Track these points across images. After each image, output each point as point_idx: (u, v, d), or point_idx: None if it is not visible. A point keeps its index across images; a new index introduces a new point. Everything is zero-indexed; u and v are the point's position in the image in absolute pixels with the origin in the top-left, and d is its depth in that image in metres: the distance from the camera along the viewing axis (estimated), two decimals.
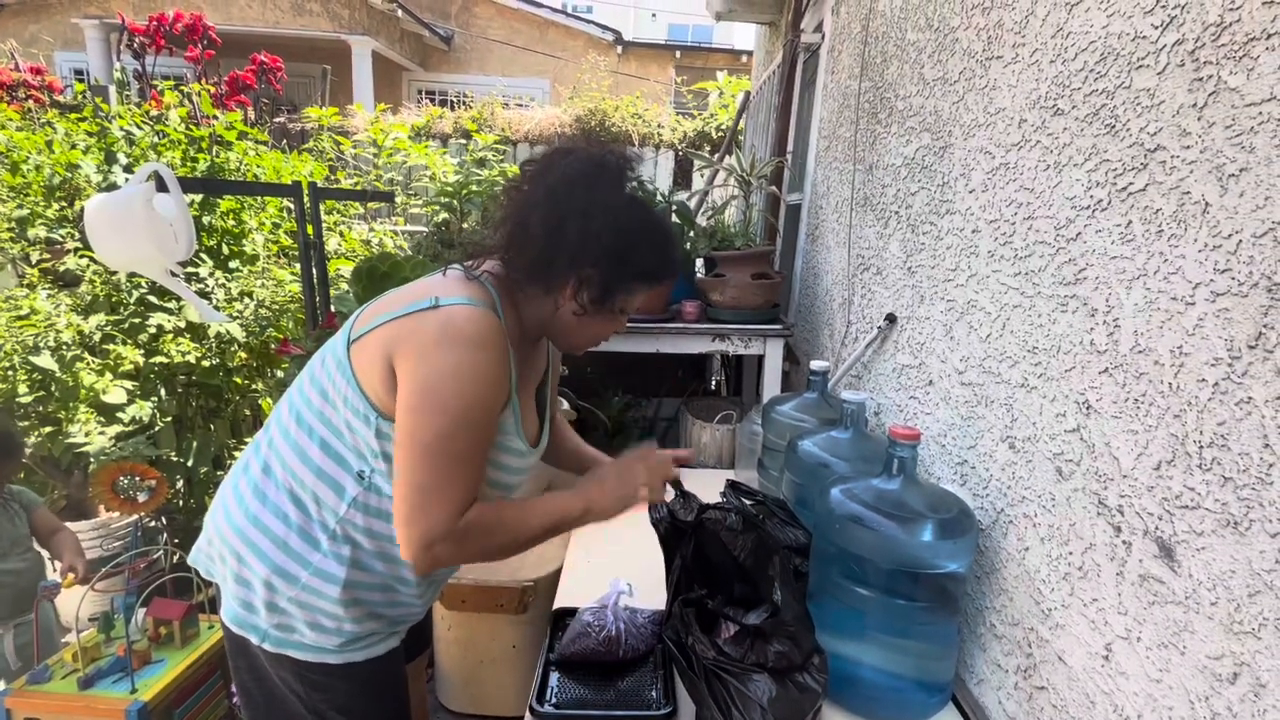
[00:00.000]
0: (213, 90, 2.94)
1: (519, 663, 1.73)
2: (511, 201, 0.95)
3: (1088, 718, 0.82)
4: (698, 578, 1.18)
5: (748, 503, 1.30)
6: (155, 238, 1.52)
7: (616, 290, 0.94)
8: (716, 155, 4.68)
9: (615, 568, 1.45)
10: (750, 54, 6.31)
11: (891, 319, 1.55)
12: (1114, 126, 0.82)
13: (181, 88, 2.82)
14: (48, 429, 1.93)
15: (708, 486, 1.47)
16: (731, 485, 1.38)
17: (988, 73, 1.14)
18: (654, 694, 1.12)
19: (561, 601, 1.36)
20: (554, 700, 1.10)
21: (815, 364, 1.57)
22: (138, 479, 1.68)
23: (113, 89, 3.08)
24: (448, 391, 0.84)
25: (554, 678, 1.16)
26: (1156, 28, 0.75)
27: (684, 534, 1.20)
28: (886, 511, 1.02)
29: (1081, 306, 0.87)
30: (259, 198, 2.68)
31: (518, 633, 1.71)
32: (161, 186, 1.56)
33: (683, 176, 6.13)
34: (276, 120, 5.87)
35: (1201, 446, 0.67)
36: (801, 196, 2.64)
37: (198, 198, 2.38)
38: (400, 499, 0.86)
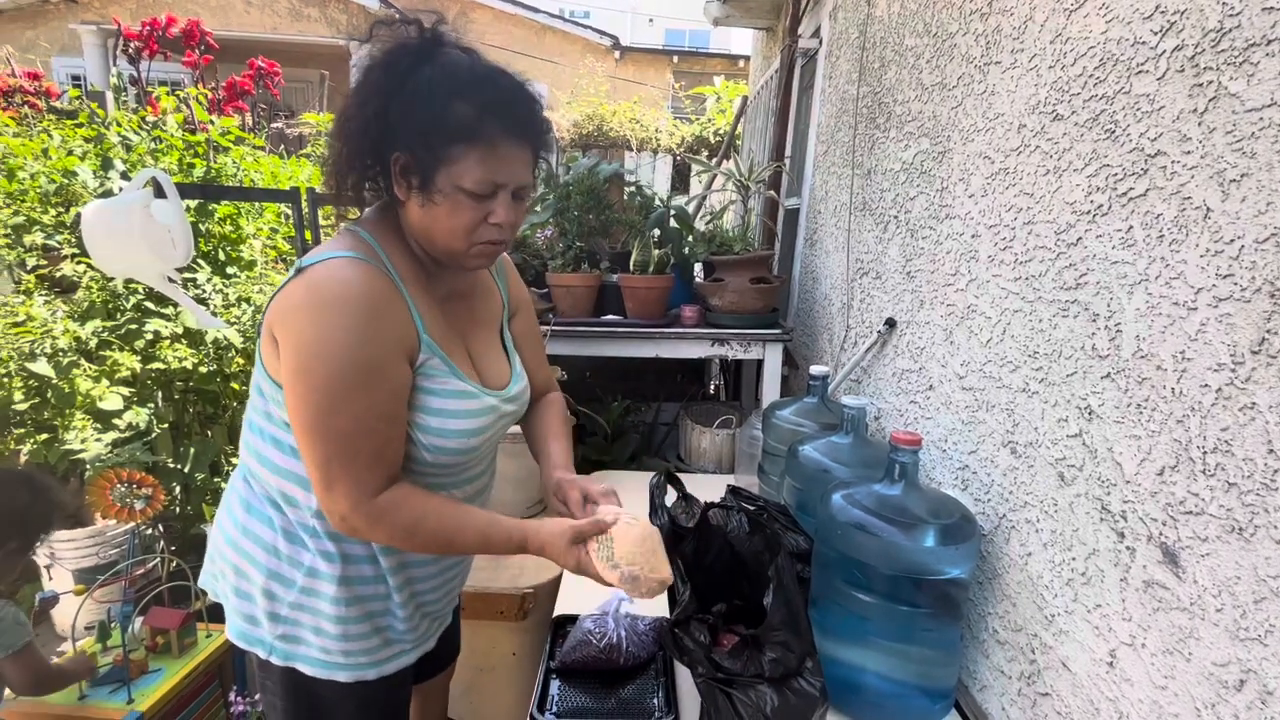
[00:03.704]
0: (210, 95, 2.94)
1: (519, 671, 1.71)
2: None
3: None
4: (698, 579, 1.17)
5: (750, 508, 1.30)
6: (153, 244, 1.51)
7: (436, 164, 0.81)
8: (714, 160, 4.69)
9: None
10: (747, 59, 6.33)
11: (891, 323, 1.55)
12: (1114, 132, 0.82)
13: (178, 92, 2.81)
14: (44, 436, 1.92)
15: (707, 492, 1.46)
16: (732, 490, 1.38)
17: (986, 78, 1.15)
18: (656, 701, 1.12)
19: (562, 609, 1.35)
20: (555, 709, 1.09)
21: (815, 369, 1.56)
22: (134, 486, 1.66)
23: (109, 94, 3.07)
24: (315, 365, 0.78)
25: (555, 686, 1.15)
26: (1156, 33, 0.75)
27: (684, 538, 1.19)
28: (888, 517, 1.02)
29: (1083, 311, 0.87)
30: (256, 203, 2.67)
31: (517, 640, 1.70)
32: (159, 192, 1.56)
33: (681, 181, 6.15)
34: (274, 125, 5.86)
35: (1205, 452, 0.67)
36: (800, 201, 2.64)
37: (194, 203, 2.37)
38: (310, 475, 0.83)
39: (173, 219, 1.54)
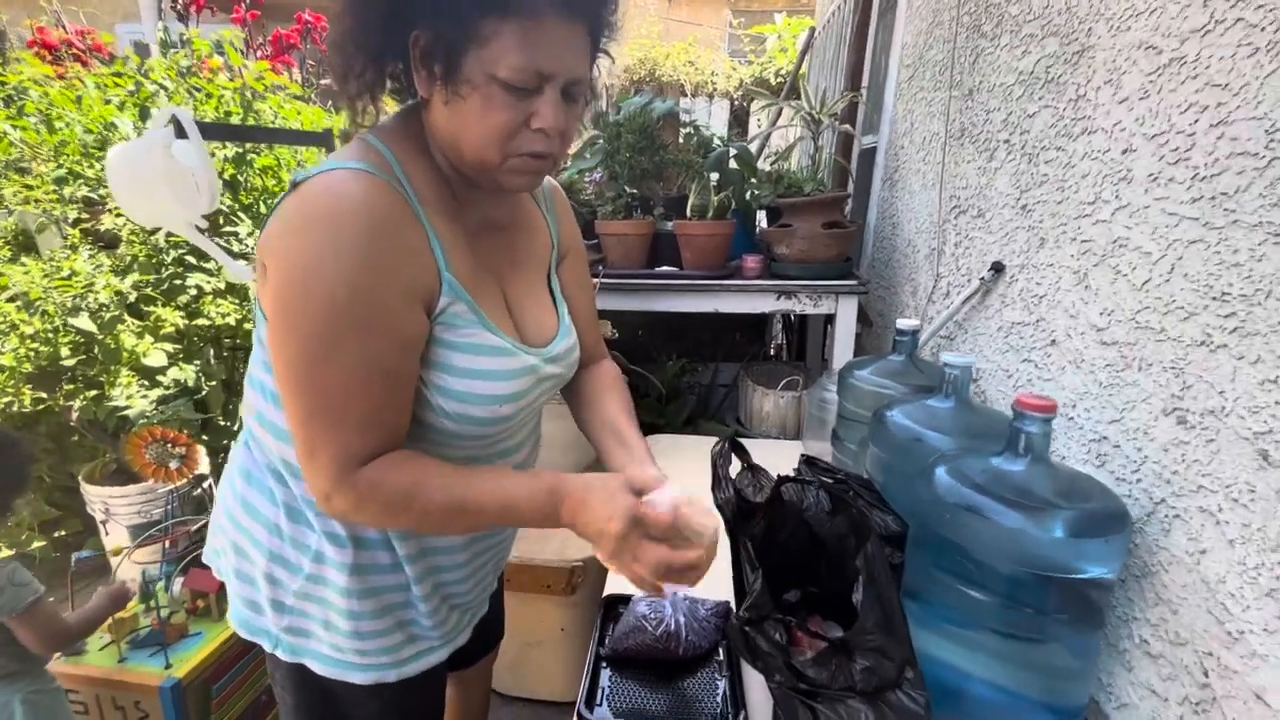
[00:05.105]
0: (246, 40, 2.85)
1: (567, 646, 1.62)
2: None
3: None
4: (769, 561, 1.01)
5: (830, 482, 1.12)
6: (175, 188, 1.41)
7: (464, 44, 0.64)
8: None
9: None
10: None
11: (998, 268, 1.31)
12: None
13: (212, 35, 2.73)
14: (92, 393, 1.90)
15: (774, 460, 1.29)
16: (807, 461, 1.20)
17: None
18: (719, 700, 0.98)
19: (612, 587, 1.22)
20: (606, 705, 0.96)
21: (903, 322, 1.35)
22: (169, 445, 1.61)
23: (155, 48, 3.02)
24: (300, 298, 0.62)
25: (605, 676, 1.02)
26: None
27: (752, 515, 1.03)
28: (1012, 500, 0.82)
29: None
30: (297, 154, 2.58)
31: (566, 615, 1.59)
32: (181, 133, 1.45)
33: (739, 127, 5.79)
34: (322, 82, 5.81)
35: None
36: (877, 138, 2.36)
37: (232, 154, 2.29)
38: (294, 440, 0.69)
39: (195, 160, 1.43)
